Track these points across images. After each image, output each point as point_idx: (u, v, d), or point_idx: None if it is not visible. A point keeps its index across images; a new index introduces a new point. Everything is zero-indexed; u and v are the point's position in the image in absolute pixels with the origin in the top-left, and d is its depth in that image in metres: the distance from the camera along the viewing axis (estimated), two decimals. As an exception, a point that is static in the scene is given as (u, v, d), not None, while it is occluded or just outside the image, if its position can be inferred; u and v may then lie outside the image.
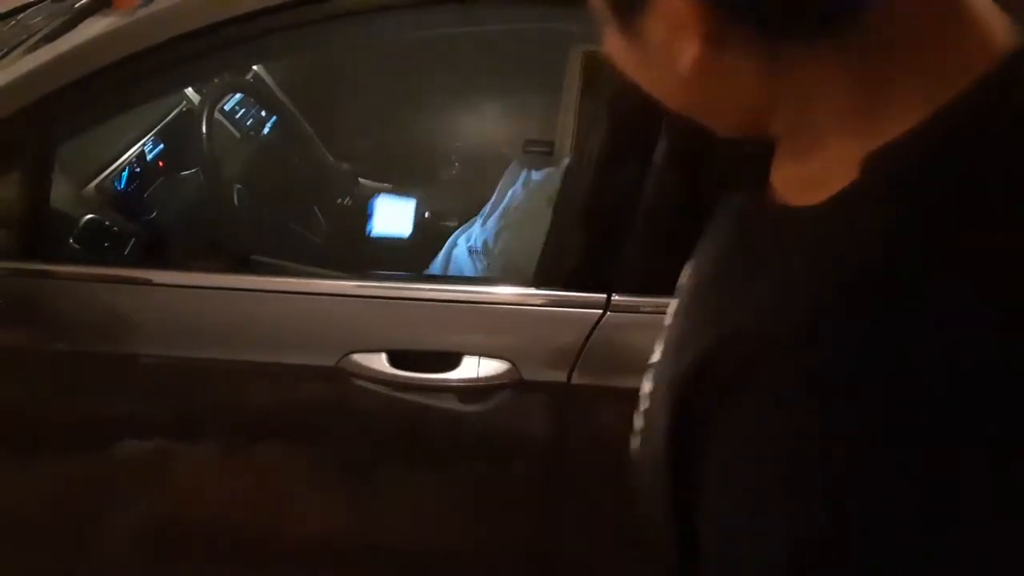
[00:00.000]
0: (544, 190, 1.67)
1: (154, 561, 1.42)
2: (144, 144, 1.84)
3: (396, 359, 1.21)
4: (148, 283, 1.31)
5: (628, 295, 1.17)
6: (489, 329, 1.23)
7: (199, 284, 1.31)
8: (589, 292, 1.18)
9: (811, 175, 0.46)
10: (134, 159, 1.80)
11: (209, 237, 1.68)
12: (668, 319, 0.62)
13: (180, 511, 1.38)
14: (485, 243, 1.68)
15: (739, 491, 0.42)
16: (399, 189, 2.15)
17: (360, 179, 2.22)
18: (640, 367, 1.20)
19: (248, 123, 2.13)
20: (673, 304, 0.63)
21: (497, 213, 1.72)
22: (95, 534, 1.41)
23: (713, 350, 0.45)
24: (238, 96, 2.12)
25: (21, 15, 1.76)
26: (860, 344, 0.38)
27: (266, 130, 2.15)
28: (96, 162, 1.72)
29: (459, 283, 1.28)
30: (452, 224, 1.92)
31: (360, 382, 1.21)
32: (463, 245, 1.69)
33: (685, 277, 0.64)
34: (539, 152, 1.87)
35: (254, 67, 2.16)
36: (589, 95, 1.36)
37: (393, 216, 2.03)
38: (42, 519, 1.41)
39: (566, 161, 1.67)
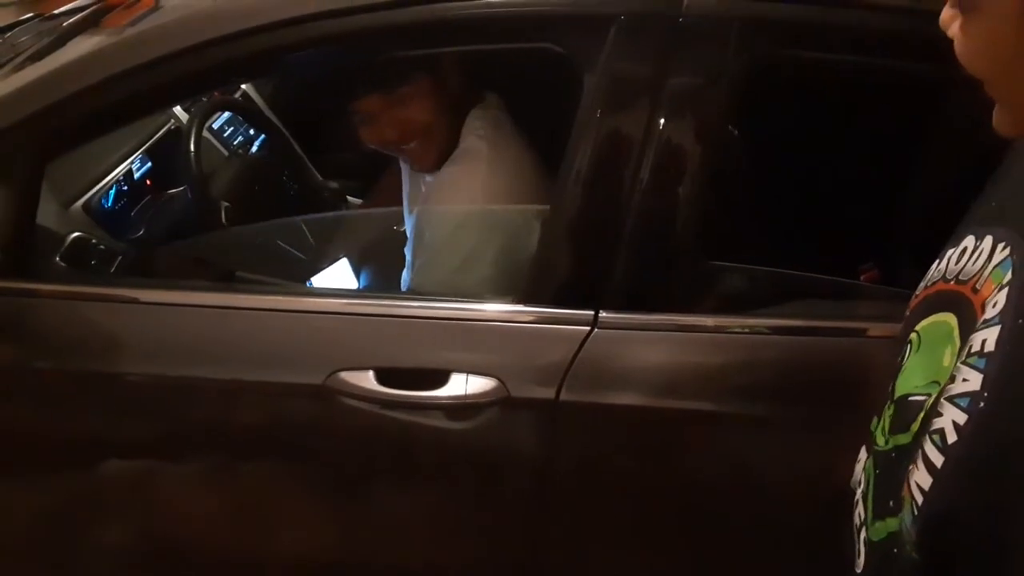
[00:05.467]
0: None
1: (140, 581, 1.41)
2: (132, 162, 1.84)
3: (384, 377, 1.21)
4: (135, 301, 1.31)
5: (616, 312, 1.18)
6: (477, 346, 1.23)
7: (186, 302, 1.31)
8: (577, 309, 1.18)
9: None
10: (121, 177, 1.80)
11: (196, 255, 1.68)
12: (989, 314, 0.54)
13: (166, 531, 1.37)
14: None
15: None
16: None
17: (348, 197, 2.23)
18: (628, 383, 1.21)
19: (236, 141, 2.13)
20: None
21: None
22: (80, 554, 1.39)
23: None
24: (226, 115, 2.12)
25: (9, 33, 1.76)
26: None
27: (254, 148, 2.15)
28: (84, 180, 1.72)
29: (447, 300, 1.27)
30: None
31: (347, 400, 1.21)
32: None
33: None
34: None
35: (242, 86, 2.17)
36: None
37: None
38: (26, 539, 1.40)
39: None
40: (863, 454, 0.68)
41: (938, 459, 0.53)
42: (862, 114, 1.60)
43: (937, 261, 0.66)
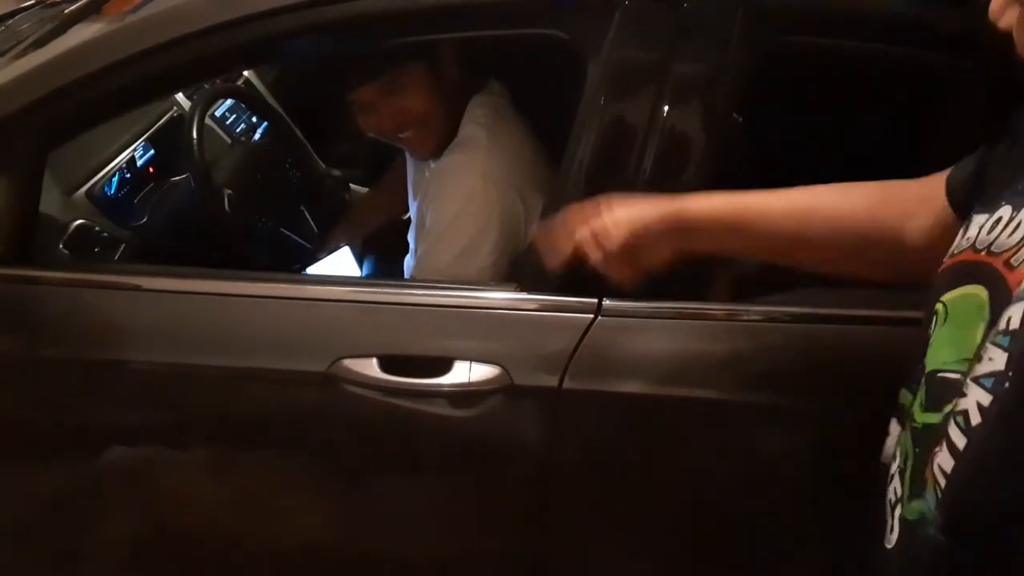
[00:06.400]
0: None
1: (142, 570, 1.41)
2: (134, 150, 1.84)
3: (387, 364, 1.21)
4: (138, 288, 1.31)
5: (619, 299, 1.17)
6: (480, 334, 1.23)
7: (189, 290, 1.31)
8: (580, 296, 1.18)
9: None
10: (124, 164, 1.80)
11: (199, 243, 1.68)
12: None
13: (169, 519, 1.37)
14: None
15: None
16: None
17: (351, 185, 2.22)
18: (632, 371, 1.21)
19: (238, 129, 2.12)
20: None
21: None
22: (83, 543, 1.40)
23: None
24: (229, 102, 2.12)
25: (10, 20, 1.76)
26: None
27: (256, 136, 2.14)
28: (86, 167, 1.72)
29: (450, 288, 1.27)
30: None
31: (351, 387, 1.21)
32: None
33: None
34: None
35: (245, 72, 2.16)
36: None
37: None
38: (29, 528, 1.40)
39: None
40: (895, 428, 0.67)
41: (961, 441, 0.52)
42: (868, 101, 1.59)
43: (964, 227, 0.65)
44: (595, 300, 1.17)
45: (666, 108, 1.13)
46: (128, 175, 1.80)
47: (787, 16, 1.12)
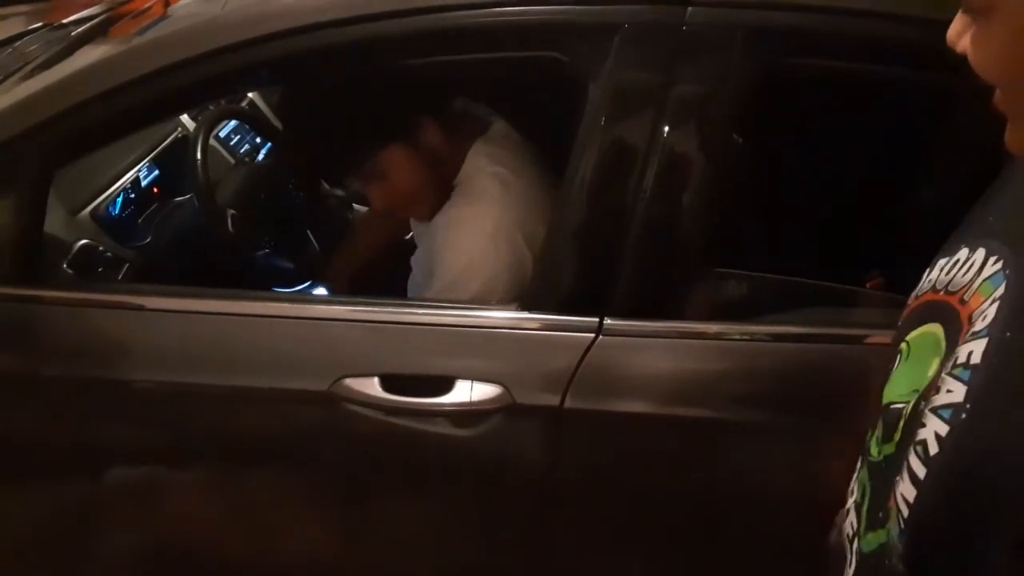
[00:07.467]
0: None
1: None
2: (139, 170, 1.85)
3: (389, 383, 1.21)
4: (141, 308, 1.31)
5: (620, 319, 1.18)
6: (482, 353, 1.23)
7: (192, 309, 1.31)
8: (581, 316, 1.19)
9: None
10: (129, 185, 1.81)
11: (202, 262, 1.68)
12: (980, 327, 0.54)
13: (171, 538, 1.37)
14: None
15: None
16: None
17: (354, 205, 2.23)
18: (633, 390, 1.21)
19: (242, 149, 2.14)
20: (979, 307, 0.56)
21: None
22: (86, 561, 1.40)
23: None
24: (233, 123, 2.13)
25: (18, 42, 1.77)
26: None
27: (260, 156, 2.16)
28: (91, 188, 1.73)
29: (452, 307, 1.28)
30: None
31: (353, 407, 1.21)
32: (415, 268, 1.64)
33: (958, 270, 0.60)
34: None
35: (249, 94, 2.18)
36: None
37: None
38: (32, 546, 1.40)
39: None
40: (859, 464, 0.68)
41: (921, 470, 0.53)
42: (865, 122, 1.60)
43: (928, 271, 0.67)
44: (596, 319, 1.18)
45: (666, 129, 1.14)
46: (132, 195, 1.81)
47: (787, 37, 1.13)
